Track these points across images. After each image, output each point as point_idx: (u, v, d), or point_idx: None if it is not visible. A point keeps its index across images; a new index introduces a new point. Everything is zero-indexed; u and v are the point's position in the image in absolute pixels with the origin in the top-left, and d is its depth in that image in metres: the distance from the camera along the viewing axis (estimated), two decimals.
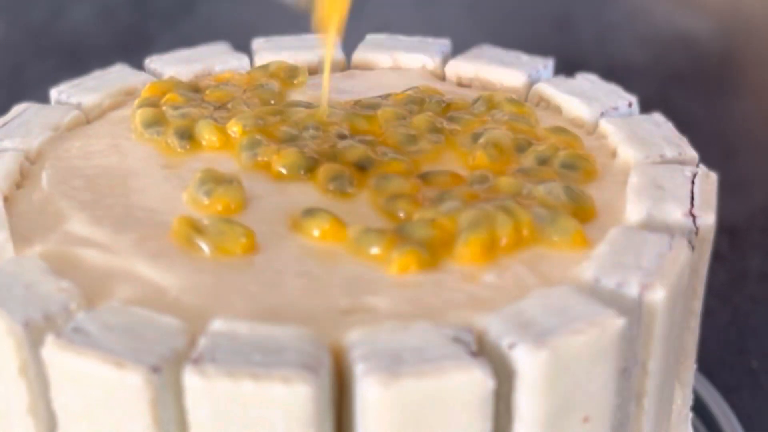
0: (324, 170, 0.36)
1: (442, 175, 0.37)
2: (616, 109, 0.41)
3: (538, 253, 0.33)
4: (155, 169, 0.38)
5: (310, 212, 0.34)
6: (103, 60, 0.46)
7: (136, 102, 0.41)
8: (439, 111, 0.41)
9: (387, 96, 0.42)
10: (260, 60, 0.46)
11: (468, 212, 0.33)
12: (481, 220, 0.33)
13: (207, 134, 0.39)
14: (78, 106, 0.42)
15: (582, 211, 0.35)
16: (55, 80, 0.44)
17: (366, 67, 0.47)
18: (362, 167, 0.37)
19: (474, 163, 0.38)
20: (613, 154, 0.39)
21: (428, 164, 0.38)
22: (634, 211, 0.35)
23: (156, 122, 0.40)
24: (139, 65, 0.45)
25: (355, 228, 0.33)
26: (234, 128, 0.39)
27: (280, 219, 0.35)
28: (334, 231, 0.34)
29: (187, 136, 0.39)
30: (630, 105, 0.42)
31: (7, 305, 0.30)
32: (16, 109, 0.41)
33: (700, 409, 0.46)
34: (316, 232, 0.34)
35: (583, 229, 0.33)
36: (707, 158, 0.39)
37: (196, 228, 0.33)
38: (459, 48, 0.47)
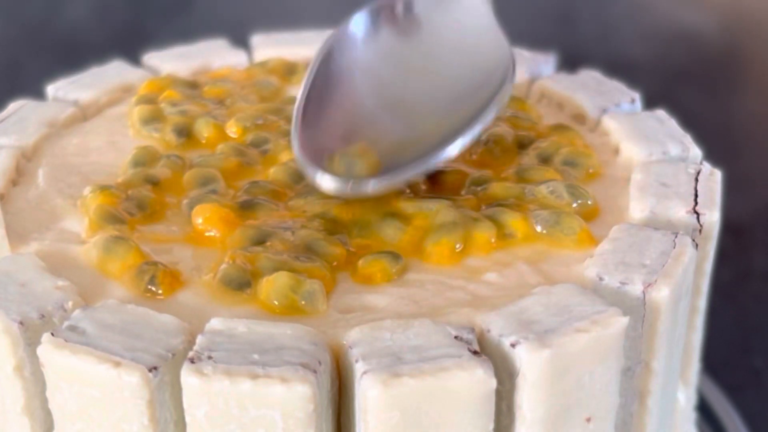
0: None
1: (446, 174, 0.36)
2: (618, 105, 0.41)
3: (540, 250, 0.33)
4: None
5: None
6: (100, 56, 0.46)
7: (134, 99, 0.41)
8: None
9: None
10: (259, 56, 0.46)
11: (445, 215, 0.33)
12: (456, 225, 0.33)
13: (206, 132, 0.39)
14: (75, 103, 0.42)
15: (585, 209, 0.34)
16: (52, 77, 0.44)
17: None
18: None
19: (475, 160, 0.37)
20: (616, 151, 0.39)
21: None
22: (637, 209, 0.34)
23: (154, 119, 0.39)
24: (136, 61, 0.45)
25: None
26: (233, 129, 0.39)
27: None
28: None
29: (186, 133, 0.39)
30: (633, 101, 0.41)
31: (3, 303, 0.30)
32: (13, 105, 0.41)
33: (704, 408, 0.45)
34: None
35: (588, 228, 0.33)
36: (711, 155, 0.39)
37: None
38: None
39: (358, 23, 0.37)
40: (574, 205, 0.34)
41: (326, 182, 0.33)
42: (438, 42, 0.37)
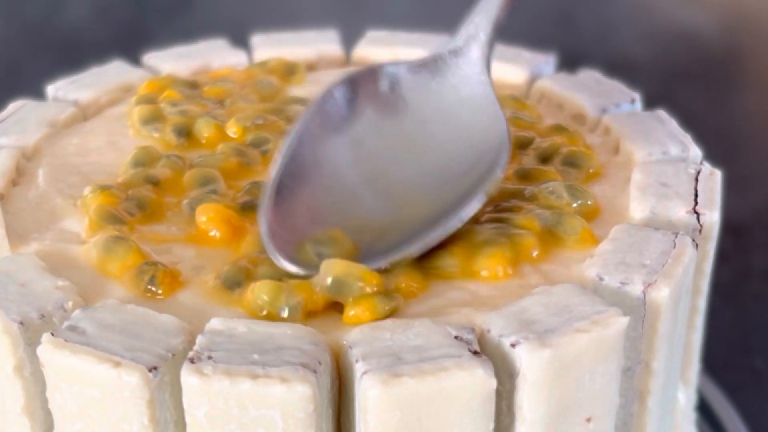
0: None
1: None
2: (618, 105, 0.41)
3: (540, 250, 0.33)
4: None
5: None
6: (100, 56, 0.46)
7: (134, 99, 0.41)
8: None
9: None
10: (259, 56, 0.46)
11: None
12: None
13: (206, 132, 0.39)
14: (75, 103, 0.42)
15: (585, 209, 0.34)
16: (52, 77, 0.44)
17: (366, 63, 0.46)
18: None
19: None
20: (616, 151, 0.39)
21: None
22: (637, 209, 0.34)
23: (154, 119, 0.39)
24: (136, 61, 0.45)
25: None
26: (233, 129, 0.39)
27: None
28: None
29: (186, 133, 0.39)
30: (633, 101, 0.41)
31: (3, 303, 0.30)
32: (13, 105, 0.41)
33: (704, 408, 0.45)
34: None
35: (590, 227, 0.33)
36: (711, 155, 0.39)
37: None
38: None
39: (337, 95, 0.34)
40: (574, 205, 0.34)
41: (294, 271, 0.30)
42: (426, 117, 0.35)
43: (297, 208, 0.32)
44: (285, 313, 0.29)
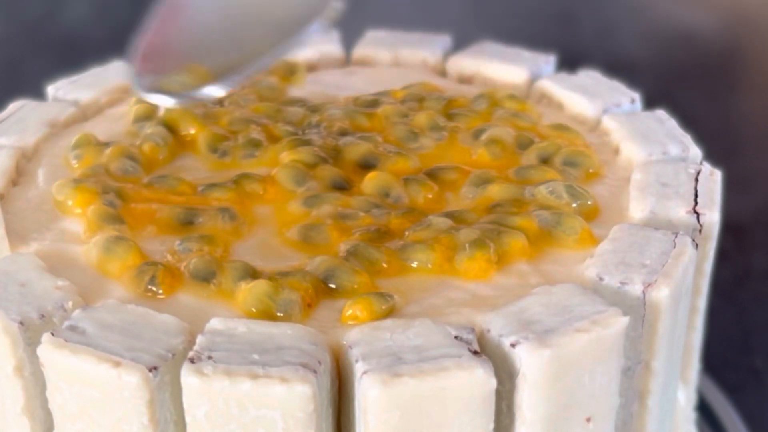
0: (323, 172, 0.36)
1: (449, 172, 0.36)
2: (618, 105, 0.41)
3: (540, 250, 0.33)
4: None
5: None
6: (101, 56, 0.46)
7: (134, 99, 0.41)
8: (439, 108, 0.41)
9: (387, 93, 0.42)
10: None
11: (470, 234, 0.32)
12: (483, 242, 0.32)
13: (192, 130, 0.38)
14: (75, 103, 0.42)
15: (584, 210, 0.34)
16: (52, 77, 0.43)
17: (366, 64, 0.46)
18: (368, 165, 0.36)
19: (475, 160, 0.37)
20: (616, 151, 0.39)
21: (430, 162, 0.37)
22: (637, 209, 0.34)
23: (147, 117, 0.39)
24: None
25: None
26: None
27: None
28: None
29: (171, 131, 0.38)
30: (633, 101, 0.41)
31: (3, 303, 0.30)
32: (13, 105, 0.41)
33: (704, 408, 0.45)
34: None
35: (590, 227, 0.33)
36: (711, 155, 0.39)
37: None
38: (460, 44, 0.47)
39: None
40: (574, 205, 0.34)
41: (161, 100, 0.35)
42: None
43: (163, 45, 0.37)
44: (282, 312, 0.30)
